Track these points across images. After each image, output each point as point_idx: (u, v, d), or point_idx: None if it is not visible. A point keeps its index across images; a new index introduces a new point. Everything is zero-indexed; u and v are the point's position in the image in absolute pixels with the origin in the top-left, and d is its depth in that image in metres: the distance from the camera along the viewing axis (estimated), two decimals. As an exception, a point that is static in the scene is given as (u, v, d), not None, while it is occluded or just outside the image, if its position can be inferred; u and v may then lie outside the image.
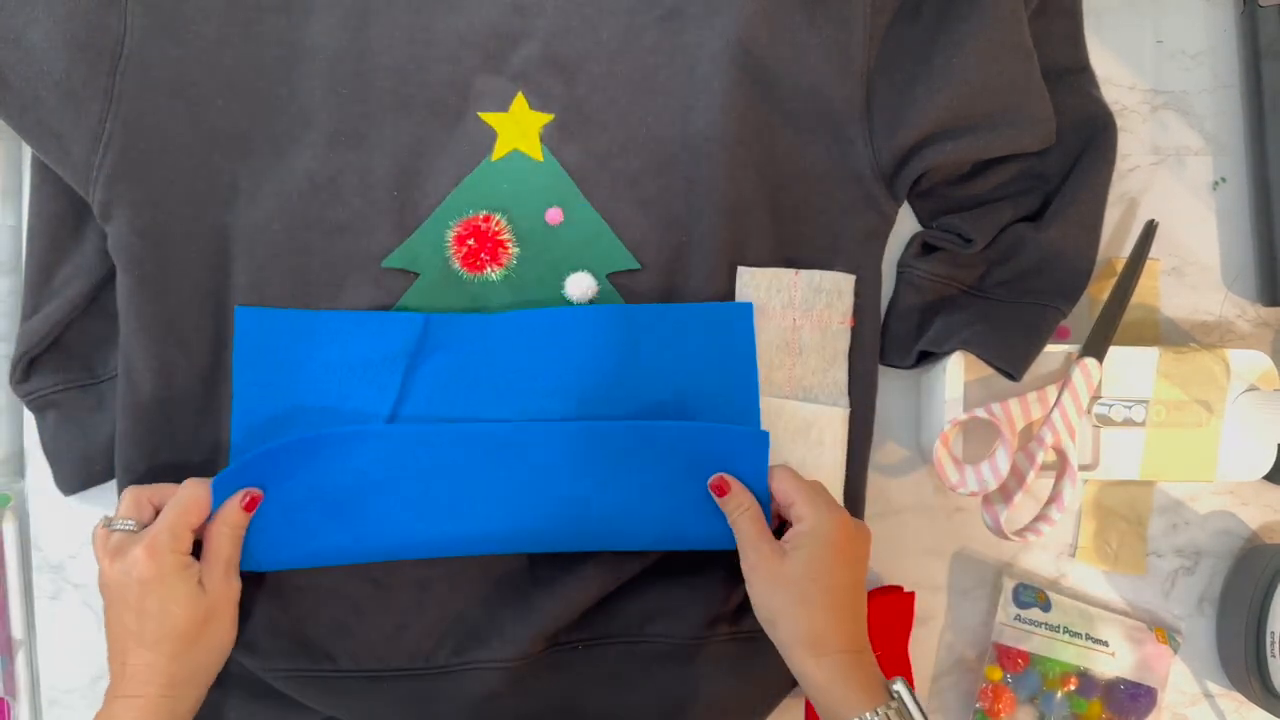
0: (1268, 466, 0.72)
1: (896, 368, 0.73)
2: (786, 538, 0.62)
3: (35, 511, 0.72)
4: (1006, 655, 0.72)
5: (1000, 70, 0.68)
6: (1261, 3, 0.75)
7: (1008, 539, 0.69)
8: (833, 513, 0.62)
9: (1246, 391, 0.71)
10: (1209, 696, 0.75)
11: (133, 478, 0.66)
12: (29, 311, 0.69)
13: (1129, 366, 0.71)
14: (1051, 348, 0.70)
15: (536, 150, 0.69)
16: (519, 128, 0.69)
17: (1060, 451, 0.69)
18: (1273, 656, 0.70)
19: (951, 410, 0.69)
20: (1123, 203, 0.76)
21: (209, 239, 0.67)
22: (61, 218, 0.69)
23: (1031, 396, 0.70)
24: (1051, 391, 0.70)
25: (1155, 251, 0.75)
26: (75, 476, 0.69)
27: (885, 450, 0.75)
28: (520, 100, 0.69)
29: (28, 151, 0.70)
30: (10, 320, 0.73)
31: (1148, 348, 0.72)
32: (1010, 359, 0.68)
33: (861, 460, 0.71)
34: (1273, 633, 0.70)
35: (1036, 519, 0.70)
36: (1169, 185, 0.77)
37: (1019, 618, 0.73)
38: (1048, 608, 0.73)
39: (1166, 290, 0.76)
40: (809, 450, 0.69)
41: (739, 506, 0.64)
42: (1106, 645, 0.73)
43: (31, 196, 0.69)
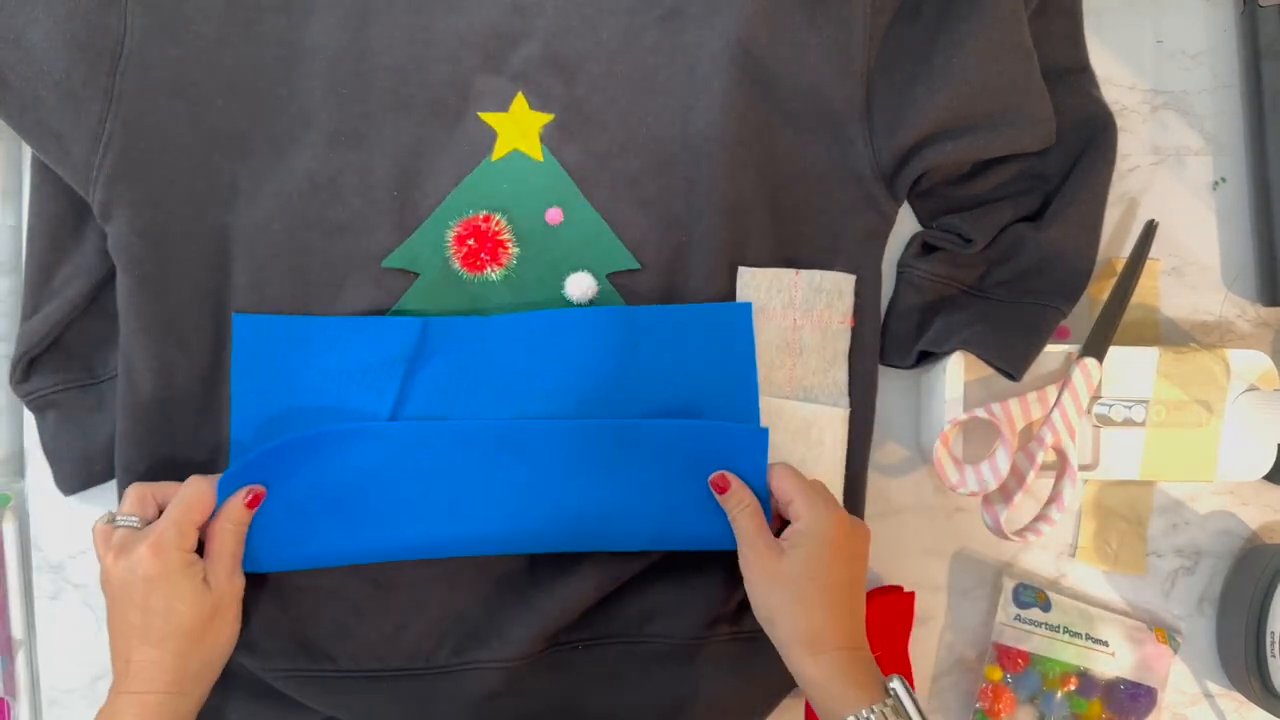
0: (1268, 466, 0.72)
1: (896, 368, 0.73)
2: (784, 536, 0.62)
3: (35, 511, 0.72)
4: (1006, 655, 0.72)
5: (1000, 70, 0.68)
6: (1261, 3, 0.75)
7: (1008, 539, 0.69)
8: (830, 511, 0.62)
9: (1246, 391, 0.71)
10: (1209, 696, 0.75)
11: (133, 478, 0.66)
12: (29, 311, 0.69)
13: (1129, 366, 0.71)
14: (1051, 348, 0.70)
15: (536, 150, 0.69)
16: (519, 128, 0.69)
17: (1060, 451, 0.69)
18: (1273, 656, 0.70)
19: (951, 410, 0.69)
20: (1123, 203, 0.76)
21: (209, 239, 0.67)
22: (61, 218, 0.69)
23: (1031, 396, 0.70)
24: (1051, 391, 0.70)
25: (1155, 251, 0.75)
26: (75, 476, 0.69)
27: (885, 450, 0.75)
28: (520, 100, 0.69)
29: (28, 151, 0.70)
30: (10, 320, 0.73)
31: (1148, 348, 0.72)
32: (1010, 359, 0.68)
33: (861, 460, 0.71)
34: (1273, 633, 0.70)
35: (1036, 519, 0.70)
36: (1169, 185, 0.77)
37: (1019, 618, 0.73)
38: (1048, 608, 0.73)
39: (1166, 290, 0.76)
40: (809, 450, 0.69)
41: (739, 504, 0.64)
42: (1106, 645, 0.73)
43: (31, 196, 0.69)
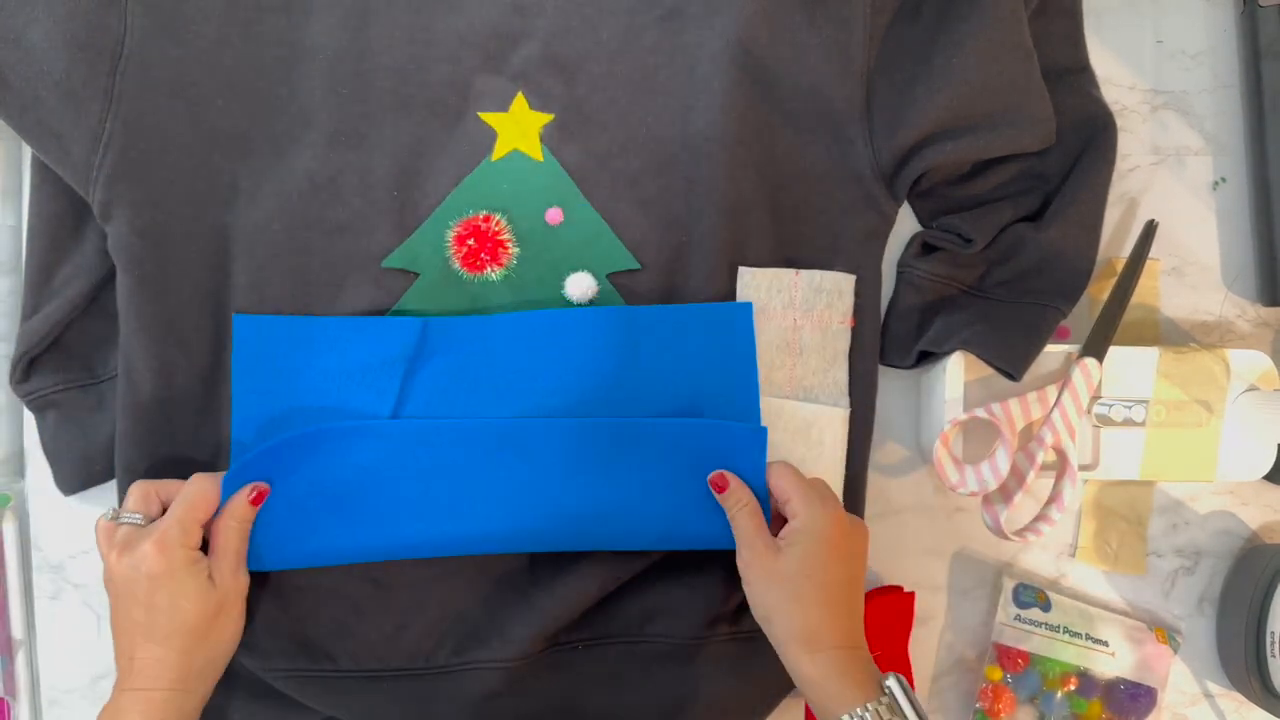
0: (1268, 466, 0.72)
1: (896, 368, 0.73)
2: (781, 535, 0.62)
3: (35, 511, 0.72)
4: (1006, 655, 0.72)
5: (1000, 70, 0.68)
6: (1261, 3, 0.75)
7: (1008, 539, 0.69)
8: (827, 509, 0.62)
9: (1246, 391, 0.71)
10: (1209, 696, 0.75)
11: (133, 478, 0.65)
12: (29, 311, 0.69)
13: (1129, 366, 0.71)
14: (1051, 348, 0.70)
15: (536, 150, 0.69)
16: (519, 128, 0.69)
17: (1060, 451, 0.69)
18: (1273, 656, 0.70)
19: (951, 410, 0.69)
20: (1123, 203, 0.76)
21: (209, 239, 0.67)
22: (61, 218, 0.69)
23: (1031, 396, 0.70)
24: (1051, 391, 0.70)
25: (1155, 251, 0.75)
26: (75, 476, 0.69)
27: (885, 450, 0.74)
28: (520, 100, 0.69)
29: (28, 151, 0.70)
30: (10, 320, 0.73)
31: (1148, 348, 0.72)
32: (1010, 359, 0.68)
33: (862, 460, 0.71)
34: (1273, 633, 0.70)
35: (1036, 519, 0.70)
36: (1169, 185, 0.77)
37: (1019, 618, 0.73)
38: (1048, 608, 0.73)
39: (1166, 290, 0.76)
40: (809, 450, 0.69)
41: (738, 502, 0.64)
42: (1106, 645, 0.73)
43: (31, 196, 0.69)
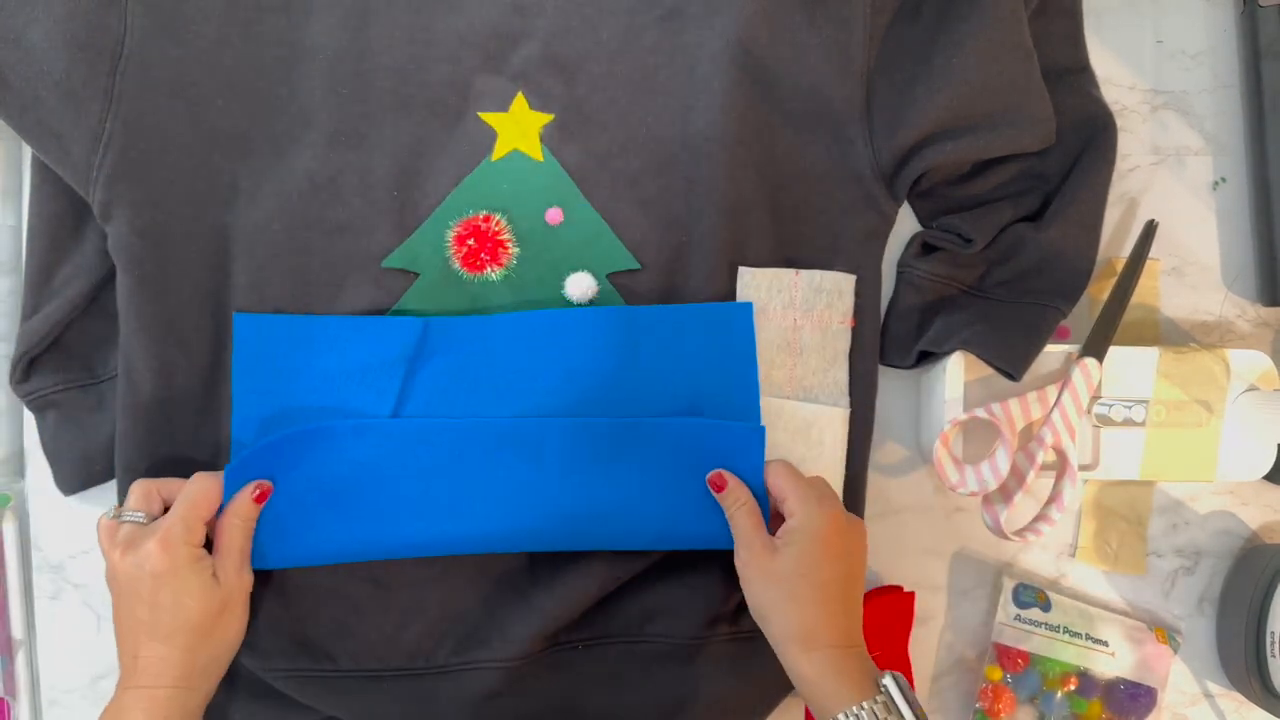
0: (1268, 466, 0.72)
1: (896, 368, 0.73)
2: (778, 534, 0.62)
3: (35, 511, 0.72)
4: (1006, 655, 0.72)
5: (1000, 70, 0.68)
6: (1261, 3, 0.75)
7: (1008, 539, 0.69)
8: (824, 507, 0.62)
9: (1246, 391, 0.71)
10: (1209, 696, 0.75)
11: (133, 477, 0.65)
12: (29, 311, 0.69)
13: (1129, 366, 0.71)
14: (1051, 348, 0.70)
15: (536, 150, 0.69)
16: (519, 128, 0.69)
17: (1060, 451, 0.69)
18: (1273, 656, 0.70)
19: (951, 410, 0.69)
20: (1123, 203, 0.76)
21: (209, 239, 0.67)
22: (61, 218, 0.69)
23: (1031, 396, 0.70)
24: (1051, 391, 0.70)
25: (1155, 251, 0.75)
26: (75, 476, 0.69)
27: (885, 450, 0.74)
28: (520, 100, 0.69)
29: (28, 151, 0.70)
30: (10, 320, 0.73)
31: (1148, 348, 0.72)
32: (1010, 359, 0.68)
33: (861, 460, 0.71)
34: (1273, 633, 0.70)
35: (1036, 519, 0.70)
36: (1169, 185, 0.77)
37: (1019, 618, 0.73)
38: (1048, 608, 0.73)
39: (1166, 290, 0.76)
40: (809, 450, 0.69)
41: (736, 502, 0.64)
42: (1106, 645, 0.73)
43: (31, 196, 0.69)
